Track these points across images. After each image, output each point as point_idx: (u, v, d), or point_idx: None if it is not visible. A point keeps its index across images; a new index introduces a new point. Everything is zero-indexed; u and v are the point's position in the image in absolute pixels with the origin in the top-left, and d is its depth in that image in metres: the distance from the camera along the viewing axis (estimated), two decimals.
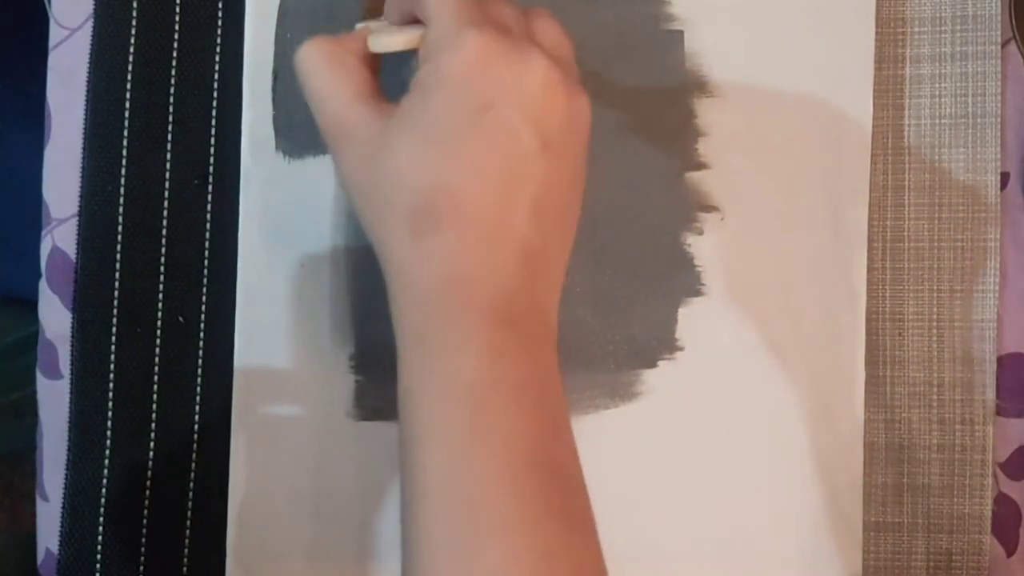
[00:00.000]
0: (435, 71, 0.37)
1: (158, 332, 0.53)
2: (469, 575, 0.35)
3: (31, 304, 0.54)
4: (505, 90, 0.37)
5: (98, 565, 0.52)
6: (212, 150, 0.53)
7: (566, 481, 0.38)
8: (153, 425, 0.53)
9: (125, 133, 0.53)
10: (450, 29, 0.37)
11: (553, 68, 0.38)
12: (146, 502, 0.52)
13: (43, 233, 0.54)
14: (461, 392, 0.37)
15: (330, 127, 0.40)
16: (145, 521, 0.52)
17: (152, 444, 0.53)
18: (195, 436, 0.53)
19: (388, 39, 0.41)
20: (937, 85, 0.52)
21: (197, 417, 0.53)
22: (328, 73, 0.40)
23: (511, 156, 0.37)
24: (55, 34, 0.54)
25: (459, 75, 0.37)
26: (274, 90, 0.52)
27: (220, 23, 0.53)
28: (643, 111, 0.51)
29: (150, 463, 0.53)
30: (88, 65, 0.53)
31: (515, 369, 0.37)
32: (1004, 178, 0.52)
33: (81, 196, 0.53)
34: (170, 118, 0.53)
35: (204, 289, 0.53)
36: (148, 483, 0.52)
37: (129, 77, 0.53)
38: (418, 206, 0.37)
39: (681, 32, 0.51)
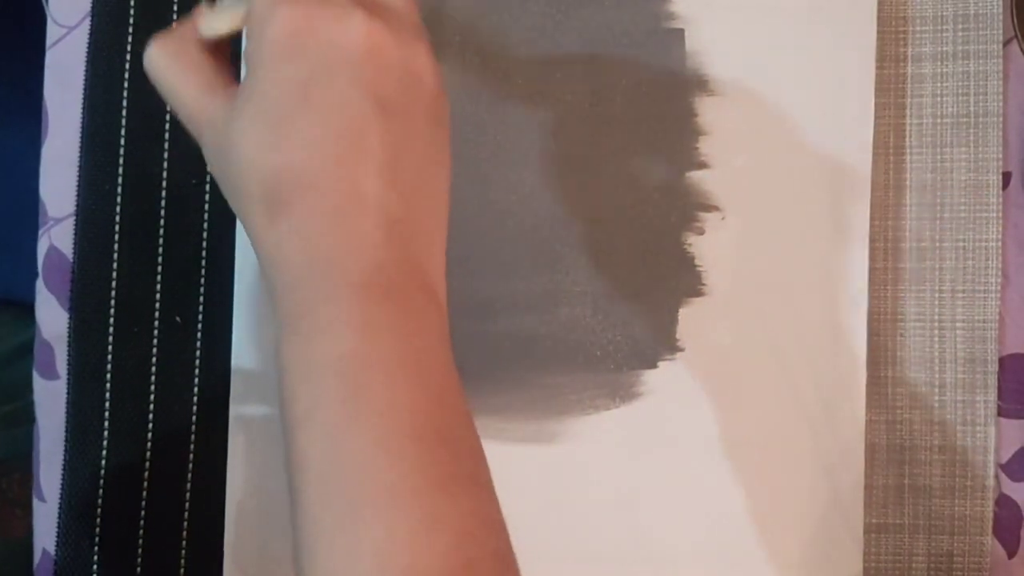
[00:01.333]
0: (256, 49, 0.36)
1: (155, 332, 0.53)
2: (352, 553, 0.34)
3: (27, 307, 0.54)
4: (327, 57, 0.36)
5: (95, 566, 0.52)
6: None
7: (454, 447, 0.36)
8: (150, 425, 0.52)
9: (122, 132, 0.53)
10: (264, 3, 0.36)
11: (377, 25, 0.36)
12: (143, 502, 0.52)
13: (40, 232, 0.53)
14: (334, 372, 0.35)
15: (188, 124, 0.39)
16: (142, 522, 0.52)
17: (149, 444, 0.52)
18: (192, 436, 0.52)
19: (215, 22, 0.40)
20: (939, 84, 0.51)
21: (194, 417, 0.52)
22: (174, 71, 0.39)
23: (347, 124, 0.36)
24: (52, 32, 0.53)
25: (277, 50, 0.36)
26: None
27: None
28: (644, 110, 0.51)
29: (147, 463, 0.52)
30: (85, 64, 0.53)
31: (391, 344, 0.36)
32: (1006, 177, 0.52)
33: (78, 195, 0.53)
34: (167, 117, 0.53)
35: (201, 289, 0.53)
36: (145, 483, 0.52)
37: (126, 76, 0.53)
38: (267, 190, 0.36)
39: (682, 30, 0.51)
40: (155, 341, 0.53)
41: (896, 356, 0.52)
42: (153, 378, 0.53)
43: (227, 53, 0.41)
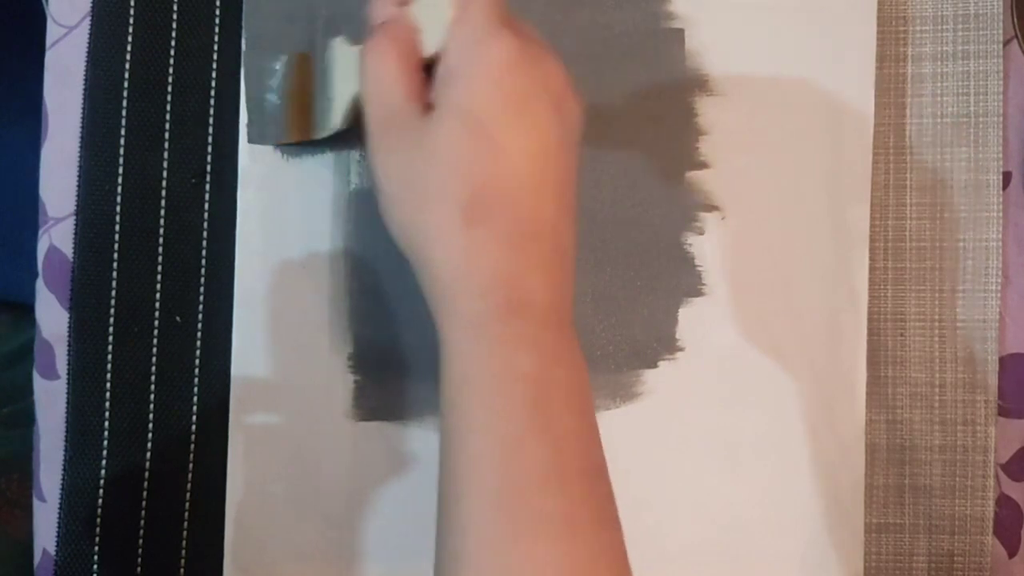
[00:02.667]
0: (475, 64, 0.39)
1: (155, 332, 0.53)
2: (514, 571, 0.36)
3: (27, 308, 0.54)
4: (538, 87, 0.39)
5: (95, 566, 0.52)
6: (210, 149, 0.53)
7: (606, 486, 0.39)
8: (150, 425, 0.52)
9: (122, 132, 0.53)
10: (485, 25, 0.39)
11: (565, 70, 0.40)
12: (143, 503, 0.52)
13: (40, 232, 0.53)
14: (520, 388, 0.37)
15: (380, 121, 0.41)
16: (142, 522, 0.52)
17: (149, 444, 0.52)
18: (192, 436, 0.52)
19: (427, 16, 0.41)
20: (939, 84, 0.51)
21: (195, 417, 0.52)
22: (392, 73, 0.41)
23: (544, 150, 0.39)
24: (52, 32, 0.53)
25: (501, 72, 0.38)
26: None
27: (218, 22, 0.53)
28: (644, 110, 0.51)
29: (147, 463, 0.52)
30: (85, 63, 0.53)
31: (567, 372, 0.39)
32: (1006, 177, 0.52)
33: (78, 195, 0.53)
34: (167, 117, 0.53)
35: (202, 288, 0.53)
36: (145, 483, 0.52)
37: (126, 76, 0.53)
38: (470, 197, 0.38)
39: (682, 30, 0.51)
40: (155, 341, 0.53)
41: (896, 356, 0.52)
42: (153, 378, 0.53)
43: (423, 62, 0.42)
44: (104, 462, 0.52)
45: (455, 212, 0.38)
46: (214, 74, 0.53)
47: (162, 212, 0.53)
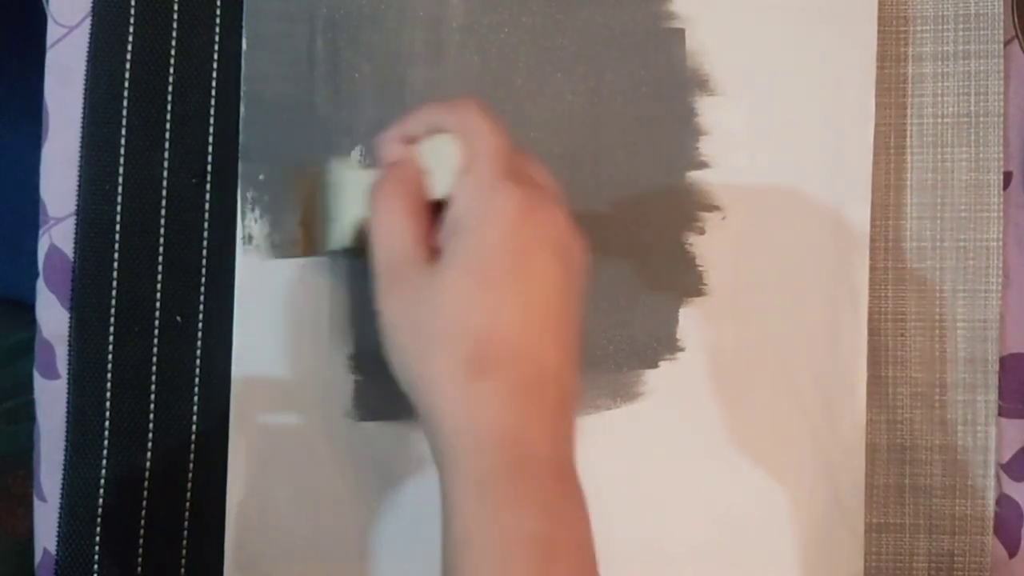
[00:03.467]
0: (482, 216, 0.39)
1: (156, 331, 0.53)
2: None
3: (28, 307, 0.54)
4: (542, 237, 0.39)
5: (96, 566, 0.52)
6: (210, 148, 0.53)
7: None
8: (151, 425, 0.52)
9: (123, 131, 0.53)
10: (492, 180, 0.40)
11: (566, 216, 0.41)
12: (144, 502, 0.52)
13: (40, 232, 0.53)
14: (527, 550, 0.37)
15: (386, 267, 0.41)
16: (143, 522, 0.52)
17: (150, 444, 0.52)
18: (193, 436, 0.52)
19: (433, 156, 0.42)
20: (940, 84, 0.51)
21: (195, 417, 0.52)
22: (400, 212, 0.41)
23: (547, 300, 0.39)
24: (53, 32, 0.53)
25: (506, 224, 0.39)
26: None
27: (218, 21, 0.53)
28: (644, 109, 0.51)
29: (148, 463, 0.52)
30: (86, 63, 0.53)
31: (572, 526, 0.39)
32: (1007, 177, 0.52)
33: (79, 195, 0.53)
34: (168, 116, 0.53)
35: (202, 288, 0.53)
36: (146, 483, 0.52)
37: (127, 75, 0.53)
38: (473, 349, 0.38)
39: (682, 30, 0.51)
40: (156, 341, 0.53)
41: (897, 356, 0.52)
42: (154, 378, 0.52)
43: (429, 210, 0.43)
44: (104, 462, 0.52)
45: (458, 364, 0.38)
46: (215, 74, 0.53)
47: (163, 212, 0.53)
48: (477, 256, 0.39)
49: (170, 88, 0.53)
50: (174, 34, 0.53)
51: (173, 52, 0.53)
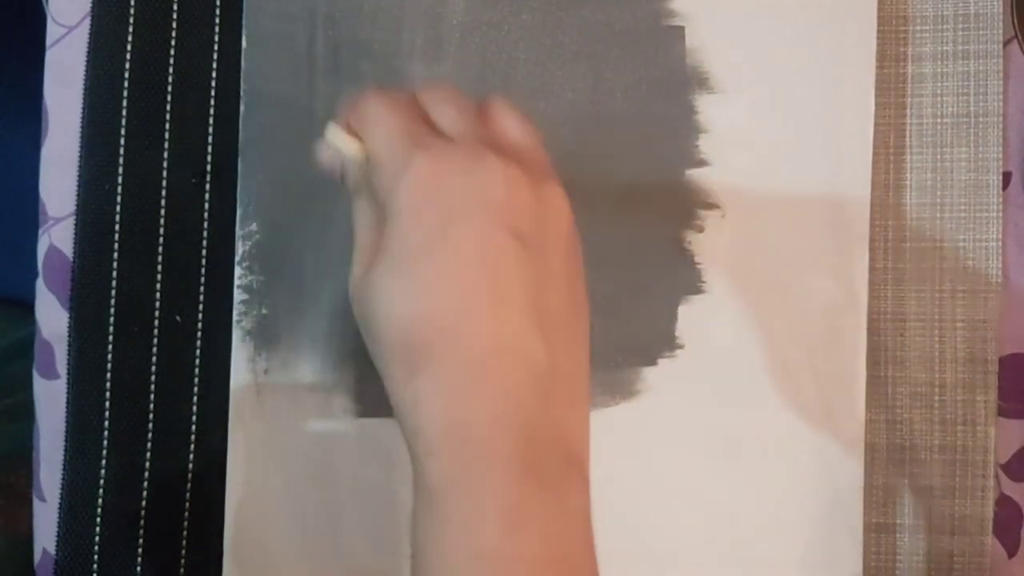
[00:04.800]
0: (392, 200, 0.35)
1: (155, 331, 0.53)
2: None
3: (27, 306, 0.54)
4: (465, 200, 0.35)
5: (95, 566, 0.52)
6: (210, 148, 0.53)
7: None
8: (150, 425, 0.52)
9: (122, 131, 0.53)
10: (396, 155, 0.36)
11: (511, 164, 0.36)
12: (143, 502, 0.52)
13: (40, 232, 0.53)
14: (474, 567, 0.33)
15: (354, 261, 0.38)
16: (142, 521, 0.52)
17: (150, 444, 0.52)
18: (193, 436, 0.52)
19: (340, 143, 0.39)
20: (939, 84, 0.51)
21: (194, 416, 0.52)
22: (360, 200, 0.39)
23: (490, 264, 0.34)
24: (52, 32, 0.54)
25: (414, 199, 0.35)
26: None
27: (218, 21, 0.53)
28: (644, 107, 0.51)
29: (147, 463, 0.52)
30: (85, 63, 0.53)
31: (536, 537, 0.33)
32: (1006, 177, 0.52)
33: (78, 195, 0.53)
34: (167, 116, 0.53)
35: (202, 288, 0.53)
36: (145, 483, 0.52)
37: (126, 75, 0.53)
38: (406, 340, 0.34)
39: (682, 28, 0.51)
40: (155, 340, 0.53)
41: (896, 355, 0.52)
42: (153, 377, 0.53)
43: None
44: (104, 461, 0.52)
45: (397, 365, 0.35)
46: (214, 73, 0.53)
47: (162, 211, 0.53)
48: (395, 240, 0.35)
49: (169, 87, 0.53)
50: (173, 33, 0.53)
51: (172, 51, 0.53)
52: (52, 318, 0.53)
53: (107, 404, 0.52)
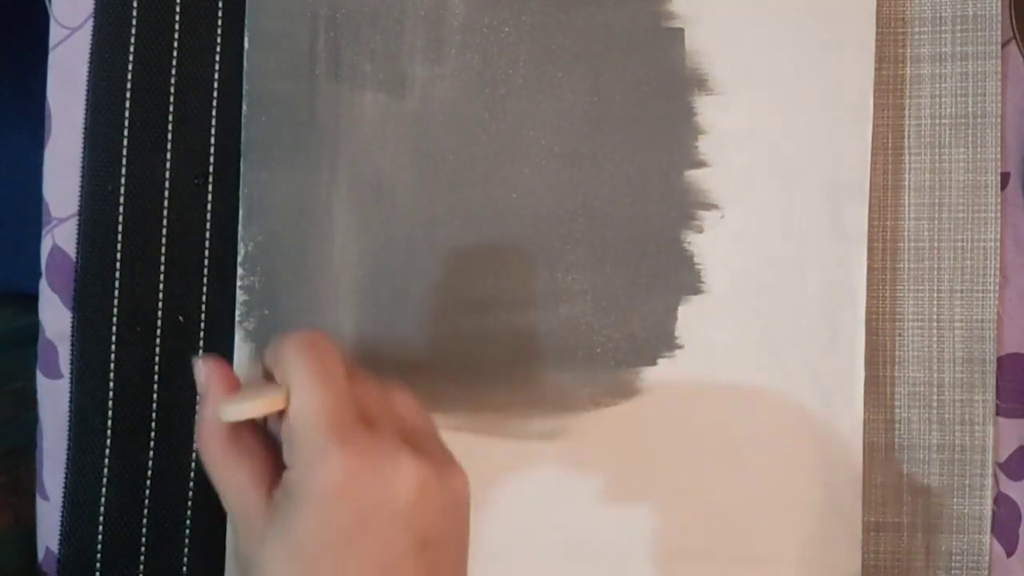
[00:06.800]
0: (302, 483, 0.35)
1: (158, 331, 0.53)
2: None
3: (31, 298, 0.54)
4: (378, 504, 0.35)
5: (98, 564, 0.52)
6: (212, 149, 0.53)
7: None
8: (153, 424, 0.52)
9: (125, 132, 0.53)
10: (316, 438, 0.36)
11: (423, 465, 0.36)
12: (146, 501, 0.52)
13: (43, 232, 0.53)
14: None
15: (228, 510, 0.39)
16: (145, 520, 0.52)
17: (152, 443, 0.52)
18: (195, 435, 0.52)
19: (244, 407, 0.38)
20: (937, 85, 0.52)
21: (197, 417, 0.52)
22: (226, 460, 0.38)
23: (390, 567, 0.35)
24: (55, 33, 0.54)
25: (327, 492, 0.35)
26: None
27: (220, 22, 0.53)
28: (643, 108, 0.51)
29: (150, 462, 0.52)
30: (88, 64, 0.53)
31: None
32: (1004, 178, 0.52)
33: (81, 195, 0.53)
34: (170, 117, 0.53)
35: (204, 288, 0.53)
36: (148, 482, 0.52)
37: (129, 76, 0.53)
38: None
39: (682, 30, 0.51)
40: (158, 340, 0.53)
41: (894, 355, 0.52)
42: (156, 377, 0.53)
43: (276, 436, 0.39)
44: (107, 461, 0.52)
45: None
46: (217, 74, 0.53)
47: (165, 212, 0.53)
48: (298, 526, 0.35)
49: (172, 88, 0.53)
50: (176, 35, 0.53)
51: (175, 52, 0.53)
52: (55, 318, 0.53)
53: (110, 404, 0.53)
